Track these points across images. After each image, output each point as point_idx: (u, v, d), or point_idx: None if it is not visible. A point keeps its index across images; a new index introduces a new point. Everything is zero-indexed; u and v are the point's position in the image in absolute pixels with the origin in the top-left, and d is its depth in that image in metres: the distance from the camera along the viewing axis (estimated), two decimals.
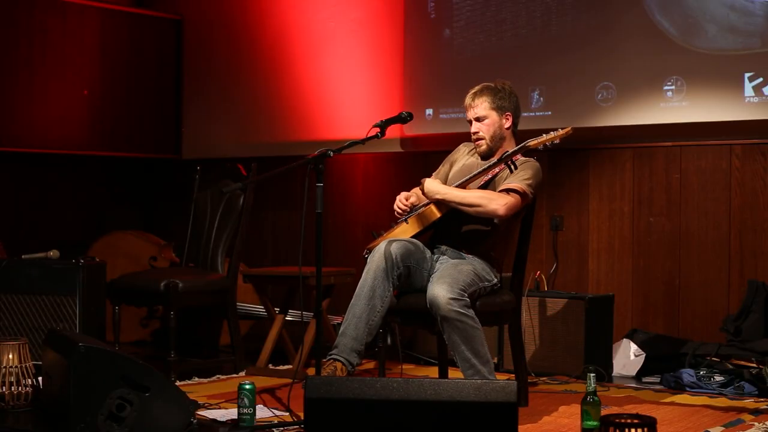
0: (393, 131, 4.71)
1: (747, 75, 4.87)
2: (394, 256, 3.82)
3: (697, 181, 5.06)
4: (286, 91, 6.50)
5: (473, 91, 4.12)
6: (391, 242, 3.86)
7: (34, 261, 4.76)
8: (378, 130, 3.97)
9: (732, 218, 4.96)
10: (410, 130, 5.78)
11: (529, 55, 5.48)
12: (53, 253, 4.81)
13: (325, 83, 6.33)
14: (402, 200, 4.11)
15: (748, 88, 4.86)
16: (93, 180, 6.89)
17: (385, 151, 5.93)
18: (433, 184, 4.00)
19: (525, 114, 5.41)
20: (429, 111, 5.80)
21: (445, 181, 4.20)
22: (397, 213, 4.11)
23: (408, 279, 3.88)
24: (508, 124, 4.10)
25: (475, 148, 4.18)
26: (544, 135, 3.90)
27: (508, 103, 4.09)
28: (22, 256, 4.80)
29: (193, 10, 7.00)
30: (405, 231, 4.02)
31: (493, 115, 4.07)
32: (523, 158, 4.00)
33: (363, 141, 3.94)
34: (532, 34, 5.48)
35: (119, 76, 6.75)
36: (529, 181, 3.96)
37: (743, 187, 4.93)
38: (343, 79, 6.24)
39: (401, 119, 4.09)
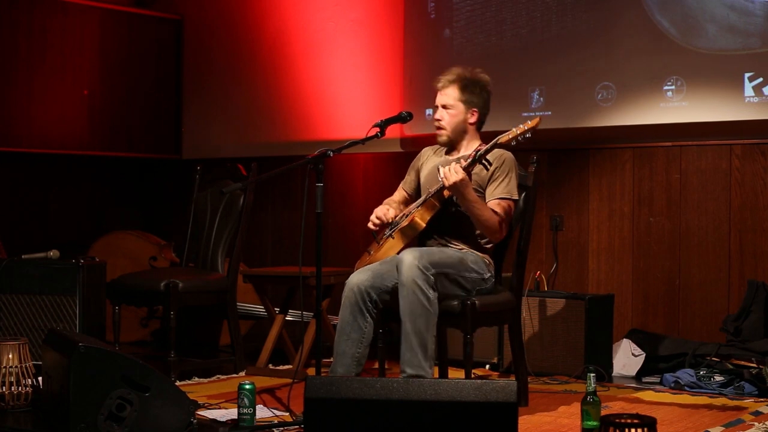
0: (393, 131, 4.72)
1: (747, 75, 4.87)
2: (363, 289, 3.83)
3: (697, 181, 5.06)
4: (286, 91, 6.50)
5: (445, 76, 4.08)
6: (357, 274, 3.89)
7: (34, 261, 4.76)
8: (378, 130, 3.97)
9: (732, 218, 4.96)
10: (410, 130, 5.78)
11: (529, 55, 5.48)
12: (53, 253, 4.81)
13: (325, 83, 6.33)
14: (378, 218, 4.08)
15: (748, 88, 4.86)
16: (93, 180, 6.89)
17: (385, 151, 5.93)
18: (467, 188, 3.84)
19: (525, 114, 5.43)
20: (429, 111, 5.79)
21: (415, 190, 4.22)
22: (372, 228, 4.10)
23: (392, 299, 3.83)
24: (473, 119, 4.07)
25: (436, 147, 4.20)
26: (514, 129, 3.84)
27: (477, 98, 4.05)
28: (22, 256, 4.80)
29: (193, 10, 7.00)
30: (393, 247, 4.00)
31: (459, 107, 4.04)
32: (493, 153, 3.96)
33: (363, 141, 3.95)
34: (532, 34, 5.48)
35: (119, 76, 6.75)
36: (513, 189, 3.99)
37: (743, 187, 4.93)
38: (343, 79, 6.24)
39: (401, 119, 4.09)
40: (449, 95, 4.05)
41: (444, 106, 4.06)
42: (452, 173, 3.80)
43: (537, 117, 3.89)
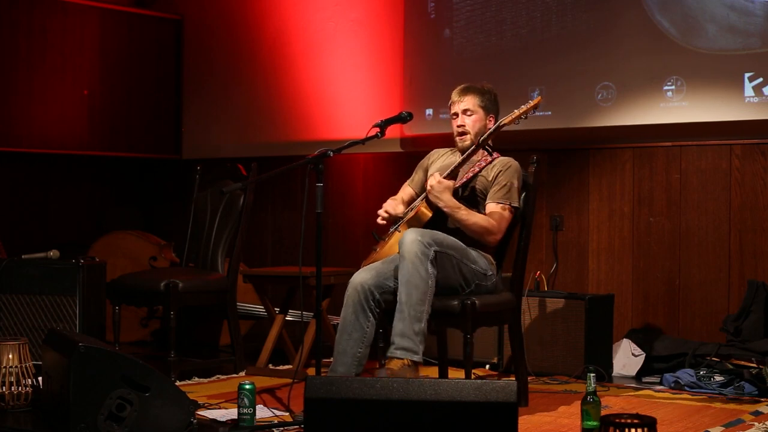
0: (393, 131, 4.72)
1: (747, 75, 4.87)
2: (366, 287, 3.84)
3: (697, 181, 5.06)
4: (286, 91, 6.50)
5: (461, 87, 4.20)
6: (361, 273, 3.91)
7: (34, 261, 4.76)
8: (378, 130, 3.98)
9: (732, 218, 4.96)
10: (410, 130, 5.78)
11: (529, 55, 5.48)
12: (53, 253, 4.81)
13: (325, 83, 6.33)
14: (387, 212, 4.14)
15: (748, 88, 4.86)
16: (93, 180, 6.89)
17: (385, 151, 5.93)
18: (443, 193, 3.96)
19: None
20: (429, 111, 5.80)
21: (421, 189, 4.24)
22: (381, 222, 4.16)
23: (395, 300, 3.82)
24: (491, 125, 4.14)
25: (451, 149, 4.23)
26: (515, 111, 3.99)
27: (492, 106, 4.17)
28: (22, 256, 4.80)
29: (193, 10, 7.00)
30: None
31: (480, 112, 4.14)
32: (501, 159, 4.06)
33: (363, 141, 3.95)
34: (532, 34, 5.48)
35: (119, 76, 6.75)
36: (513, 196, 4.03)
37: (743, 187, 4.93)
38: (343, 79, 6.24)
39: (401, 119, 4.10)
40: (469, 101, 4.14)
41: (465, 112, 4.13)
42: (431, 179, 3.96)
43: (538, 97, 4.03)
